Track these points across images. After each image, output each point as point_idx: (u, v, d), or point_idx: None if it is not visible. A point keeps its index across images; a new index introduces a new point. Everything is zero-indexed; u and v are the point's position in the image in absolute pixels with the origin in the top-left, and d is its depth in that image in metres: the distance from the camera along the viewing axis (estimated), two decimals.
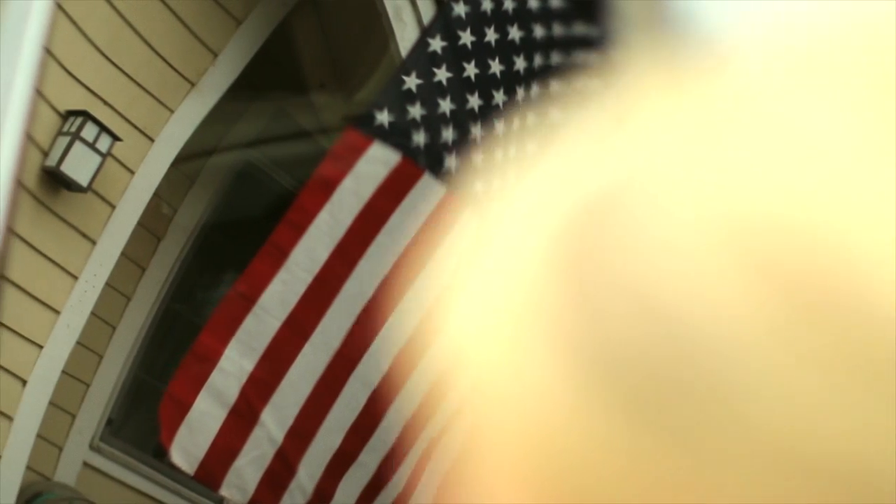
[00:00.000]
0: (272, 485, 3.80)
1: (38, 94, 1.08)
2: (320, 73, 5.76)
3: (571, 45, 4.33)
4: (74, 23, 4.31)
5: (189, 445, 3.68)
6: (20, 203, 3.90)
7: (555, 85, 4.27)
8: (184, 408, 3.66)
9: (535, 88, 4.20)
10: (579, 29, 4.33)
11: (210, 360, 3.66)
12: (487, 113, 4.00)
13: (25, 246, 4.27)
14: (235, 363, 3.67)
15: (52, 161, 4.35)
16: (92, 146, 4.37)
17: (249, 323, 3.68)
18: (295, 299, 3.72)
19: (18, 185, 1.01)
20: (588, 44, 4.35)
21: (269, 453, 3.77)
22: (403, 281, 3.81)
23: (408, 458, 4.03)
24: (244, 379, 3.69)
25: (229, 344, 3.66)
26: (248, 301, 3.68)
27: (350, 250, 3.76)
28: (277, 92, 5.83)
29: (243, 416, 3.71)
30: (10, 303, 4.23)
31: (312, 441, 3.84)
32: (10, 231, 1.02)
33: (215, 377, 3.65)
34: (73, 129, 4.34)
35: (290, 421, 3.79)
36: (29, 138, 1.05)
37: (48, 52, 1.08)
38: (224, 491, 3.75)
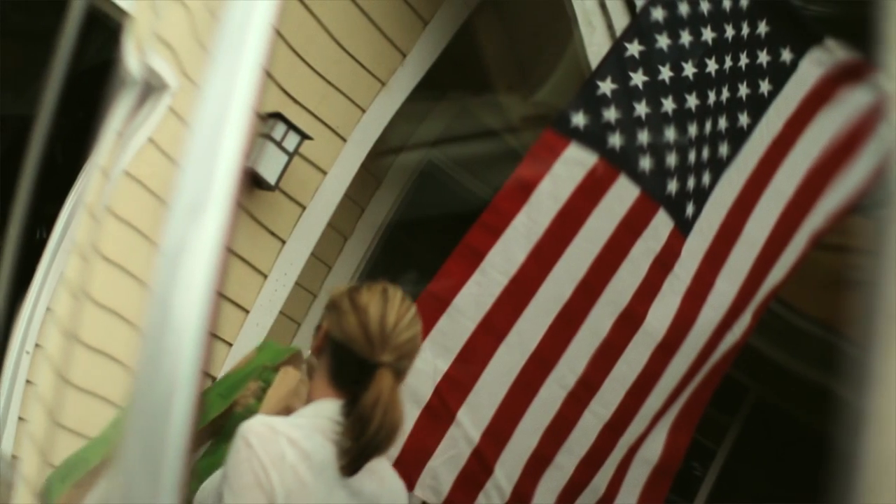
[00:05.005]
0: (467, 484, 3.78)
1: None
2: (501, 72, 5.76)
3: (758, 45, 4.22)
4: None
5: None
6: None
7: (743, 88, 4.17)
8: None
9: (725, 91, 4.11)
10: (762, 28, 4.22)
11: None
12: (681, 116, 3.92)
13: None
14: (429, 363, 3.67)
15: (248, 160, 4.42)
16: (279, 145, 4.44)
17: (443, 324, 3.68)
18: (490, 301, 3.71)
19: (238, 206, 1.02)
20: (774, 44, 4.24)
21: (465, 453, 3.77)
22: (599, 282, 3.77)
23: (607, 464, 3.98)
24: (438, 378, 3.70)
25: (423, 344, 3.68)
26: (442, 302, 3.68)
27: (546, 252, 3.74)
28: (460, 91, 5.85)
29: (438, 416, 3.72)
30: None
31: (509, 442, 3.82)
32: (229, 251, 1.03)
33: (409, 376, 3.69)
34: (266, 129, 4.42)
35: (486, 421, 3.78)
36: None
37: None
38: (418, 491, 3.75)
